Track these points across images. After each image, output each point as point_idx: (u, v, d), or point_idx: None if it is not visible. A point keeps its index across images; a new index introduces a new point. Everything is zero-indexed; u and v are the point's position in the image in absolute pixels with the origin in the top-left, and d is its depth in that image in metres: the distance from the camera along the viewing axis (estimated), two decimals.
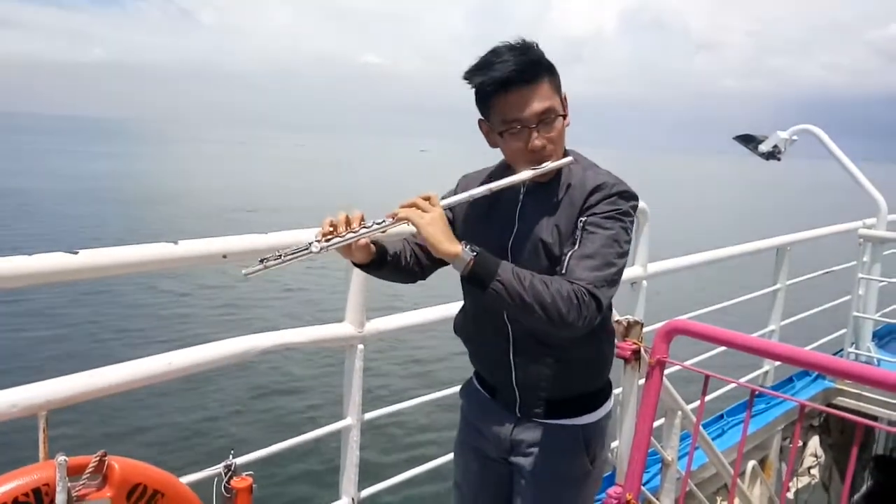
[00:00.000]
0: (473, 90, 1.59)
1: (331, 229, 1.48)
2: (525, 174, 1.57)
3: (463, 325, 1.84)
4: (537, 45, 1.55)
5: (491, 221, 1.68)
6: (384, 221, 1.49)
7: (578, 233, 1.52)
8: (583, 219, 1.53)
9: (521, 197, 1.65)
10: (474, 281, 1.44)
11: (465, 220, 1.73)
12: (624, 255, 1.51)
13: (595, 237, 1.49)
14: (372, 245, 1.60)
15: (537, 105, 1.53)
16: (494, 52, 1.53)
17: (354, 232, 1.48)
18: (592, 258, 1.47)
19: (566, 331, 1.43)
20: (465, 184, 1.76)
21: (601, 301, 1.43)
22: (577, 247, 1.50)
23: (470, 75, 1.56)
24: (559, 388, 1.69)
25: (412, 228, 1.47)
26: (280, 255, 1.42)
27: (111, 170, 41.96)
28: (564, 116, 1.59)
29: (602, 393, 1.77)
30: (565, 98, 1.61)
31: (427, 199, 1.49)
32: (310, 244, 1.44)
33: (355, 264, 1.66)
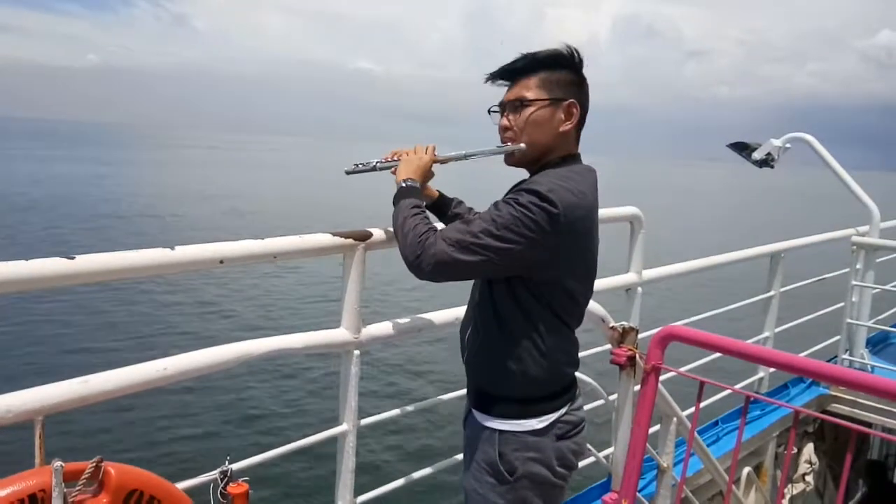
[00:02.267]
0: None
1: (387, 159, 1.93)
2: (490, 148, 1.84)
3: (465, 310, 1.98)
4: (568, 49, 1.74)
5: None
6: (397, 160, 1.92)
7: None
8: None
9: None
10: (394, 205, 1.77)
11: None
12: (497, 237, 1.55)
13: (484, 213, 1.62)
14: (436, 191, 2.09)
15: (512, 93, 1.78)
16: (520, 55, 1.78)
17: (392, 161, 1.91)
18: (466, 223, 1.61)
19: (407, 266, 1.63)
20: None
21: (437, 253, 1.56)
22: None
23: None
24: (484, 382, 1.78)
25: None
26: (361, 164, 1.91)
27: (63, 175, 40.79)
28: (548, 106, 1.73)
29: (527, 404, 1.72)
30: (571, 104, 1.74)
31: (427, 149, 1.90)
32: (373, 161, 1.91)
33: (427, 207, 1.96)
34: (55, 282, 1.43)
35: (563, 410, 1.76)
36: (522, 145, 1.75)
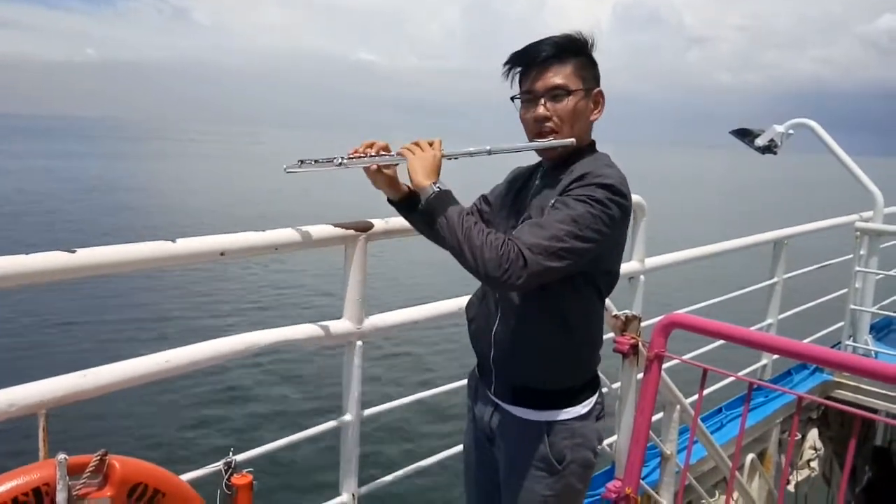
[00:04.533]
0: (512, 71, 1.73)
1: (359, 154, 1.73)
2: (527, 144, 1.72)
3: (472, 303, 1.90)
4: (582, 37, 1.68)
5: (511, 207, 1.80)
6: (393, 155, 1.72)
7: (547, 210, 1.57)
8: (555, 198, 1.59)
9: (536, 183, 1.76)
10: (428, 214, 1.60)
11: (497, 208, 1.86)
12: (582, 238, 1.50)
13: (556, 213, 1.54)
14: (405, 186, 1.80)
15: (550, 80, 1.66)
16: (538, 40, 1.69)
17: (370, 157, 1.72)
18: (542, 227, 1.51)
19: (488, 281, 1.51)
20: (514, 174, 1.90)
21: (529, 263, 1.46)
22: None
23: (510, 57, 1.71)
24: (527, 376, 1.72)
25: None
26: (314, 161, 1.68)
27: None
28: (584, 96, 1.68)
29: (573, 393, 1.73)
30: (599, 93, 1.72)
31: (430, 143, 1.68)
32: (336, 157, 1.69)
33: (391, 202, 1.85)
34: (57, 275, 1.43)
35: (598, 392, 1.79)
36: (573, 140, 1.67)
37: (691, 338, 2.35)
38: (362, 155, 1.73)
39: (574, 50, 1.68)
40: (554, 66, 1.66)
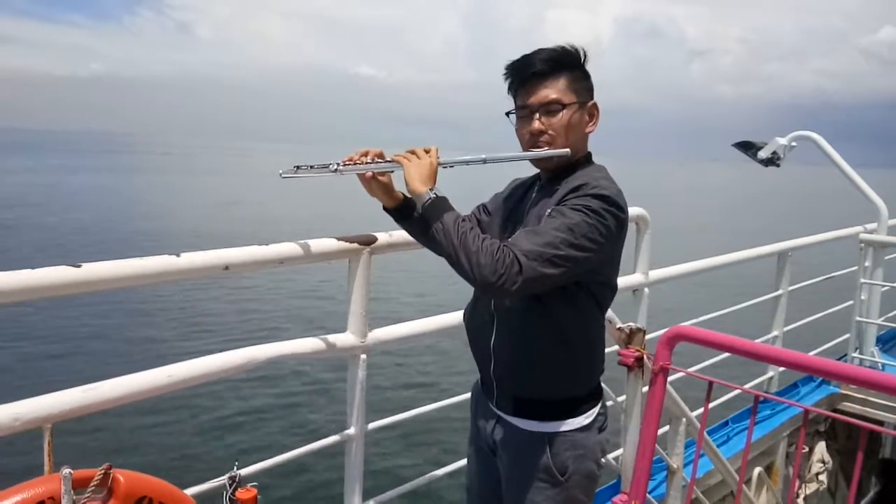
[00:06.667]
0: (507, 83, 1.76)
1: (354, 161, 1.71)
2: (521, 154, 1.74)
3: (467, 314, 1.90)
4: (575, 49, 1.70)
5: (507, 218, 1.81)
6: (388, 162, 1.71)
7: (544, 219, 1.59)
8: (552, 208, 1.60)
9: (534, 195, 1.77)
10: (423, 220, 1.62)
11: (494, 217, 1.88)
12: (578, 247, 1.51)
13: (552, 221, 1.55)
14: (400, 193, 1.79)
15: (544, 94, 1.68)
16: (532, 52, 1.71)
17: (366, 164, 1.71)
18: (537, 234, 1.52)
19: (483, 287, 1.50)
20: (513, 186, 1.92)
21: (524, 269, 1.46)
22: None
23: (505, 69, 1.74)
24: (528, 387, 1.72)
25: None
26: (310, 167, 1.67)
27: None
28: (578, 109, 1.71)
29: (575, 404, 1.73)
30: (594, 105, 1.75)
31: (427, 151, 1.69)
32: (332, 163, 1.66)
33: (385, 210, 1.84)
34: (62, 290, 1.44)
35: (600, 404, 1.79)
36: (567, 150, 1.69)
37: (696, 350, 2.34)
38: (358, 162, 1.72)
39: (568, 63, 1.70)
40: (548, 81, 1.69)
